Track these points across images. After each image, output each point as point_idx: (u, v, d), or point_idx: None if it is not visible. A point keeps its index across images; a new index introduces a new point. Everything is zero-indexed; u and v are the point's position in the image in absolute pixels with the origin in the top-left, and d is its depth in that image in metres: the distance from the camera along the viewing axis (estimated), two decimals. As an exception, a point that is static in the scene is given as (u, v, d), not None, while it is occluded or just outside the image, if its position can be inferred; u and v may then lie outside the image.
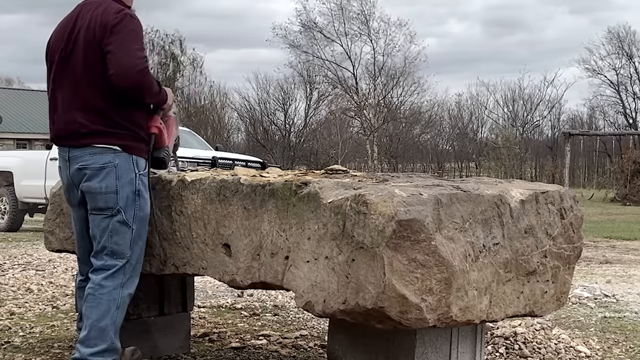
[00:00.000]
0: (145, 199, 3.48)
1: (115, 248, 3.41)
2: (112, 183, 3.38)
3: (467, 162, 48.86)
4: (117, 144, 3.39)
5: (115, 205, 3.38)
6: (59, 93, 3.48)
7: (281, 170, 3.59)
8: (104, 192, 3.38)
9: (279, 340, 4.53)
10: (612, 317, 5.50)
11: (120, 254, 3.41)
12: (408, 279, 2.69)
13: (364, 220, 2.74)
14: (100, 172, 3.38)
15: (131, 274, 3.46)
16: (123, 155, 3.40)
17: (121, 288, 3.41)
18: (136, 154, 3.45)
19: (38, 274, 7.29)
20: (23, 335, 4.57)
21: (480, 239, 2.93)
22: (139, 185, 3.44)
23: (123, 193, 3.39)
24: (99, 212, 3.41)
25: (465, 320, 2.88)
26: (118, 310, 3.40)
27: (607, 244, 12.12)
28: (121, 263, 3.42)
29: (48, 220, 4.12)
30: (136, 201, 3.43)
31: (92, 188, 3.39)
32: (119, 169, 3.39)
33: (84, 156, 3.40)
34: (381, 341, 3.12)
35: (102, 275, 3.39)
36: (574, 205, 3.45)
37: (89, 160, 3.39)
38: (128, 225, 3.41)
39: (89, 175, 3.40)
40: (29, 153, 18.00)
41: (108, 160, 3.38)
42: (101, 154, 3.39)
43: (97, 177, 3.38)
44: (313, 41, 44.01)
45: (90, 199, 3.43)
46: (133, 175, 3.43)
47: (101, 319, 3.35)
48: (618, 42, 47.48)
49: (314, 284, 2.93)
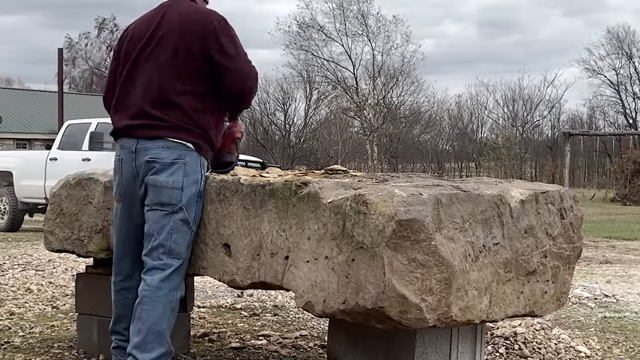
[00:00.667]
0: (203, 201, 3.42)
1: (173, 247, 3.32)
2: (179, 179, 3.31)
3: (467, 162, 48.76)
4: (191, 141, 3.34)
5: (178, 202, 3.30)
6: (134, 86, 3.42)
7: (281, 170, 3.59)
8: (170, 187, 3.30)
9: (279, 340, 4.51)
10: (612, 317, 5.49)
11: (177, 254, 3.33)
12: (408, 279, 2.69)
13: (364, 220, 2.75)
14: (170, 166, 3.31)
15: (183, 276, 3.39)
16: (194, 154, 3.35)
17: (176, 290, 3.34)
18: (204, 156, 3.41)
19: (38, 274, 7.26)
20: (23, 335, 4.55)
21: (480, 239, 2.93)
22: (202, 187, 3.39)
23: (188, 191, 3.32)
24: (160, 208, 3.32)
25: (465, 320, 2.88)
26: (172, 313, 3.33)
27: (607, 244, 12.10)
28: (177, 264, 3.33)
29: (48, 220, 4.10)
30: (198, 202, 3.37)
31: (159, 181, 3.31)
32: (188, 166, 3.33)
33: (155, 149, 3.33)
34: (381, 341, 3.12)
35: (159, 277, 3.30)
36: (574, 205, 3.45)
37: (161, 154, 3.32)
38: (189, 225, 3.34)
39: (157, 168, 3.32)
40: (28, 153, 17.99)
41: (179, 155, 3.32)
42: (174, 149, 3.32)
43: (166, 172, 3.31)
44: (312, 41, 44.01)
45: (153, 192, 3.34)
46: (199, 175, 3.38)
47: (158, 322, 3.26)
48: (618, 42, 47.48)
49: (313, 284, 2.93)
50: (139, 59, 3.43)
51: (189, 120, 3.34)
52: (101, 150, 11.59)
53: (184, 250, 3.34)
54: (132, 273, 3.50)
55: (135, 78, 3.42)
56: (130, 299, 3.45)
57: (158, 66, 3.37)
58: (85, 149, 12.12)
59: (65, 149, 12.57)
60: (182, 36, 3.35)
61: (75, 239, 3.95)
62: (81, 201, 3.91)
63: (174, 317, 3.35)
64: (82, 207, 3.90)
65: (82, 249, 3.93)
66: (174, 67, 3.35)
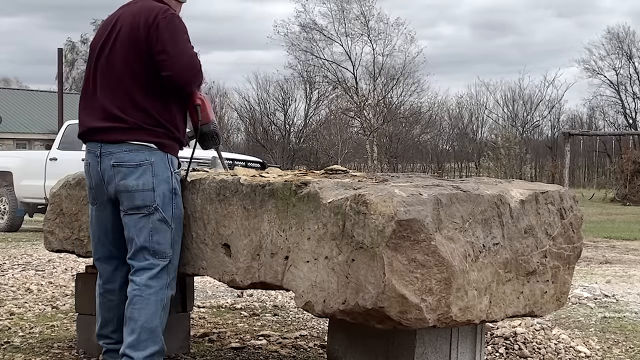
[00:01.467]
0: (180, 197, 3.44)
1: (157, 247, 3.35)
2: (148, 180, 3.33)
3: (467, 162, 48.71)
4: (153, 142, 3.36)
5: (152, 202, 3.33)
6: (96, 90, 3.46)
7: (281, 171, 3.59)
8: (141, 189, 3.33)
9: (279, 340, 4.50)
10: (612, 317, 5.49)
11: (162, 254, 3.36)
12: (408, 279, 2.69)
13: (364, 220, 2.74)
14: (136, 169, 3.33)
15: (173, 275, 3.42)
16: (158, 153, 3.37)
17: (166, 288, 3.37)
18: (171, 153, 3.43)
19: (38, 274, 7.25)
20: (23, 335, 4.55)
21: (480, 239, 2.93)
22: (174, 184, 3.41)
23: (159, 191, 3.35)
24: (136, 211, 3.35)
25: (465, 320, 2.88)
26: (164, 311, 3.36)
27: (607, 244, 12.09)
28: (164, 263, 3.37)
29: (48, 220, 4.10)
30: (173, 200, 3.39)
31: (129, 186, 3.34)
32: (155, 166, 3.35)
33: (119, 153, 3.36)
34: (381, 341, 3.12)
35: (147, 275, 3.34)
36: (573, 205, 3.44)
37: (125, 157, 3.35)
38: (167, 223, 3.36)
39: (124, 173, 3.35)
40: (28, 153, 17.93)
41: (144, 157, 3.34)
42: (137, 151, 3.35)
43: (134, 175, 3.33)
44: (312, 42, 43.97)
45: (126, 197, 3.36)
46: (169, 173, 3.39)
47: (151, 320, 3.29)
48: (618, 42, 47.41)
49: (313, 284, 2.93)
50: (99, 61, 3.47)
51: (150, 120, 3.37)
52: None
53: (168, 248, 3.37)
54: (112, 275, 3.55)
55: (97, 80, 3.47)
56: (113, 302, 3.53)
57: (115, 67, 3.41)
58: (85, 149, 12.08)
59: (65, 149, 12.52)
60: (132, 35, 3.37)
61: (75, 239, 3.96)
62: (81, 201, 3.90)
63: (166, 315, 3.38)
64: (82, 207, 3.89)
65: (82, 249, 3.93)
66: (129, 67, 3.38)
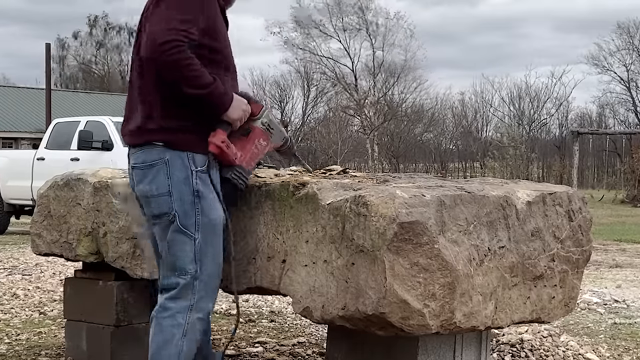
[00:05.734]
0: (209, 200, 2.95)
1: (174, 262, 2.94)
2: (163, 183, 2.92)
3: (472, 162, 48.73)
4: (162, 140, 2.93)
5: (170, 209, 2.90)
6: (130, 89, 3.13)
7: (277, 171, 3.50)
8: (156, 194, 2.93)
9: (276, 347, 4.46)
10: (623, 324, 5.43)
11: (181, 270, 2.93)
12: (410, 284, 2.66)
13: (364, 222, 2.71)
14: (149, 170, 2.94)
15: (203, 293, 2.96)
16: (172, 151, 2.93)
17: (189, 312, 2.92)
18: (190, 150, 2.94)
19: (24, 278, 7.15)
20: (9, 342, 4.50)
21: (485, 242, 2.89)
22: (197, 185, 2.92)
23: (177, 194, 2.91)
24: (157, 221, 2.97)
25: (469, 326, 2.84)
26: (185, 339, 2.92)
27: (617, 247, 12.01)
28: (184, 280, 2.92)
29: (35, 222, 4.03)
30: (196, 204, 2.91)
31: (144, 191, 2.97)
32: (170, 166, 2.92)
33: (135, 153, 3.00)
34: (382, 349, 3.08)
35: (166, 296, 2.96)
36: (582, 206, 3.41)
37: (139, 158, 2.97)
38: (187, 234, 2.91)
39: (139, 176, 2.98)
40: (15, 152, 17.98)
41: (157, 156, 2.93)
42: (149, 150, 2.95)
43: (147, 178, 2.95)
44: (309, 38, 44.05)
45: (145, 204, 3.01)
46: (188, 172, 2.92)
47: (162, 347, 2.91)
48: (628, 38, 47.26)
49: (312, 289, 2.90)
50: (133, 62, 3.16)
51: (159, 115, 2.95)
52: (90, 149, 11.50)
53: (189, 264, 2.92)
54: None
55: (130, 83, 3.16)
56: None
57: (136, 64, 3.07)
58: (74, 148, 12.02)
59: (53, 148, 12.47)
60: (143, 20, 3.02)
61: (64, 242, 3.89)
62: (70, 203, 3.84)
63: (190, 342, 2.96)
64: (71, 208, 3.83)
65: (71, 252, 3.87)
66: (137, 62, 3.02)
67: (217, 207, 2.98)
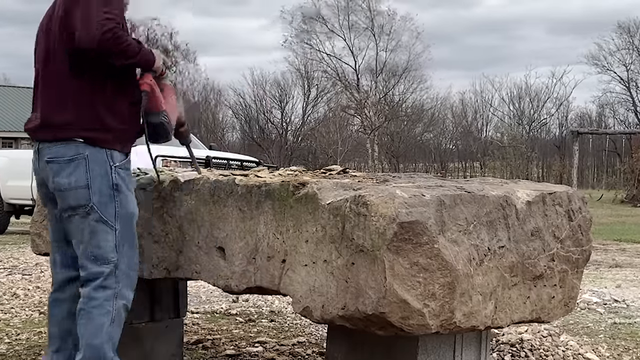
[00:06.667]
0: (127, 195, 3.13)
1: (97, 252, 3.06)
2: (81, 177, 3.03)
3: (472, 161, 48.71)
4: (83, 137, 3.04)
5: (87, 202, 3.02)
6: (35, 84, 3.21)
7: (277, 170, 3.51)
8: (74, 187, 3.03)
9: (276, 347, 4.46)
10: (623, 323, 5.43)
11: (104, 259, 3.06)
12: (410, 284, 2.64)
13: (364, 222, 2.69)
14: (68, 165, 3.04)
15: (125, 282, 3.12)
16: (92, 147, 3.05)
17: (114, 299, 3.05)
18: (109, 147, 3.08)
19: (24, 278, 7.17)
20: (9, 342, 4.50)
21: (485, 241, 2.87)
22: (116, 179, 3.07)
23: (95, 187, 3.03)
24: (73, 213, 3.07)
25: (469, 326, 2.82)
26: (113, 325, 3.05)
27: (617, 247, 12.01)
28: (108, 269, 3.06)
29: (35, 222, 4.03)
30: (115, 197, 3.06)
31: (61, 184, 3.05)
32: (89, 161, 3.03)
33: (52, 147, 3.07)
34: (382, 348, 3.07)
35: (91, 286, 3.05)
36: (582, 206, 3.39)
37: (58, 152, 3.05)
38: (108, 224, 3.05)
39: (56, 170, 3.06)
40: (14, 152, 17.88)
41: (76, 151, 3.04)
42: (69, 146, 3.05)
43: (65, 171, 3.04)
44: (314, 34, 43.91)
45: (60, 197, 3.08)
46: (107, 167, 3.06)
47: (94, 336, 3.00)
48: (628, 37, 47.20)
49: (312, 288, 2.88)
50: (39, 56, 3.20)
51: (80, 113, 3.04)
52: None
53: (111, 253, 3.06)
54: (63, 284, 3.29)
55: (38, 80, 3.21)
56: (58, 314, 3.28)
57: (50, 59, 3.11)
58: None
59: None
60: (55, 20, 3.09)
61: (65, 242, 3.87)
62: (71, 202, 3.82)
63: (118, 329, 3.09)
64: (73, 208, 3.80)
65: (72, 252, 3.84)
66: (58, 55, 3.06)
67: (133, 201, 3.17)
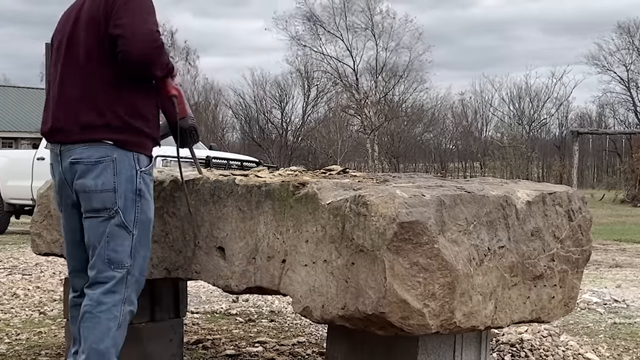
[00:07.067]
0: (148, 200, 3.13)
1: (113, 256, 3.04)
2: (109, 180, 3.02)
3: (472, 161, 48.66)
4: (112, 139, 3.04)
5: (112, 205, 3.01)
6: (58, 84, 3.17)
7: (277, 170, 3.51)
8: (100, 190, 3.01)
9: (276, 347, 4.46)
10: (623, 323, 5.42)
11: (118, 263, 3.05)
12: (410, 284, 2.63)
13: (364, 222, 2.69)
14: (95, 167, 3.02)
15: (134, 287, 3.10)
16: (120, 150, 3.05)
17: (122, 304, 3.05)
18: (137, 150, 3.10)
19: (24, 278, 7.17)
20: (9, 342, 4.50)
21: (485, 241, 2.87)
22: (140, 184, 3.08)
23: (121, 191, 3.02)
24: (95, 215, 3.04)
25: (469, 326, 2.82)
26: (119, 330, 3.04)
27: (617, 247, 12.00)
28: (120, 274, 3.05)
29: (35, 222, 4.02)
30: (137, 202, 3.07)
31: (87, 186, 3.03)
32: (117, 163, 3.03)
33: (77, 149, 3.06)
34: (382, 348, 3.06)
35: (100, 290, 3.03)
36: (582, 206, 3.39)
37: (84, 153, 3.04)
38: (127, 229, 3.05)
39: (82, 170, 3.04)
40: (15, 152, 17.88)
41: (105, 153, 3.03)
42: (96, 147, 3.04)
43: (92, 173, 3.02)
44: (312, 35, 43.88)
45: (84, 198, 3.06)
46: (133, 172, 3.07)
47: (100, 340, 2.99)
48: (628, 37, 47.16)
49: (312, 288, 2.88)
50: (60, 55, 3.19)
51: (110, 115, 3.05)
52: None
53: (126, 258, 3.06)
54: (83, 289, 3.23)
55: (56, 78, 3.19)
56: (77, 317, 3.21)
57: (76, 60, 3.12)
58: None
59: None
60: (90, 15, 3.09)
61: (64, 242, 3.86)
62: (71, 202, 3.81)
63: (122, 334, 3.09)
64: (73, 208, 3.80)
65: (72, 252, 3.84)
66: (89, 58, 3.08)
67: (152, 207, 3.18)
